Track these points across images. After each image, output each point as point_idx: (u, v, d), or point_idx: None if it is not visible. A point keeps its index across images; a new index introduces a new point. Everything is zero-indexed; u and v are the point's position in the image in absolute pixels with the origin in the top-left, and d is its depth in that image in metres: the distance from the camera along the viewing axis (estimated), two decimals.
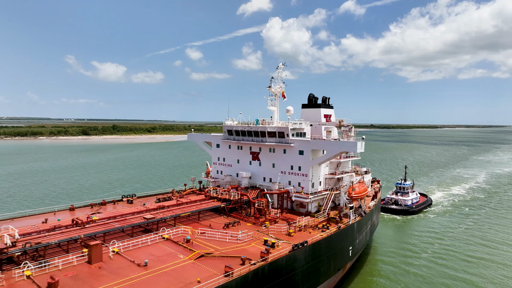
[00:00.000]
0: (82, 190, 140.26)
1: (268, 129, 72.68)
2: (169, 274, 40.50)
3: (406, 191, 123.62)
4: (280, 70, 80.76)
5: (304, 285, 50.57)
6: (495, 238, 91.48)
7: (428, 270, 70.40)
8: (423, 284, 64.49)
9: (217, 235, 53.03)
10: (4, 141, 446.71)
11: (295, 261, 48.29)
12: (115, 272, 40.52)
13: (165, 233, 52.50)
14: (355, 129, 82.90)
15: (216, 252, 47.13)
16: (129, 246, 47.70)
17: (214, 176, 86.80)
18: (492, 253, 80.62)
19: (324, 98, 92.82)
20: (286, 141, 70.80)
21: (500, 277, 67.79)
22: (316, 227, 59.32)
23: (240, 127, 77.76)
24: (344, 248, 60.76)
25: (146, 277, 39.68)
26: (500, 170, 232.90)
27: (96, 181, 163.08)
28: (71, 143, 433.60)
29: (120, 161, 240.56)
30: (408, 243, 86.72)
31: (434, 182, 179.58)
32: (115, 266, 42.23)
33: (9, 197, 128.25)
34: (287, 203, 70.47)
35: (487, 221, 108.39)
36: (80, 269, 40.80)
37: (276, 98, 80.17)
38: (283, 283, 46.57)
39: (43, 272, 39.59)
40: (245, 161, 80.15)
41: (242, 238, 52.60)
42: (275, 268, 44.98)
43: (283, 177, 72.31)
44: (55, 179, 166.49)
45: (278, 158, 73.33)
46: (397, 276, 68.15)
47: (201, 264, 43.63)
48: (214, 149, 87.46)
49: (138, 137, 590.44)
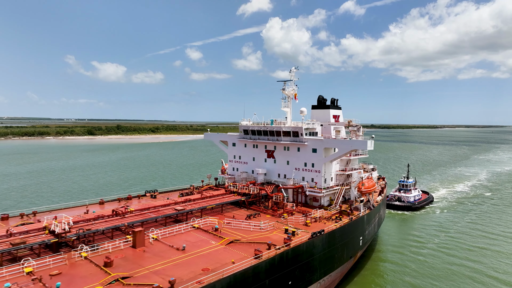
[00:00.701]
0: (102, 187, 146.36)
1: (283, 129, 77.79)
2: (205, 256, 45.65)
3: (409, 189, 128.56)
4: (292, 74, 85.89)
5: (321, 270, 55.68)
6: (495, 230, 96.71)
7: (433, 258, 76.31)
8: (429, 269, 70.21)
9: (242, 225, 58.18)
10: (12, 140, 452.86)
11: (313, 248, 53.40)
12: (158, 255, 45.71)
13: (195, 222, 57.72)
14: (363, 129, 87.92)
15: (243, 239, 52.26)
16: (165, 233, 52.90)
17: (230, 173, 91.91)
18: (492, 243, 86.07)
19: (333, 100, 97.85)
20: (300, 140, 75.90)
21: (500, 263, 73.01)
22: (330, 219, 64.43)
23: (256, 127, 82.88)
24: (356, 237, 65.87)
25: (186, 259, 44.82)
26: (501, 168, 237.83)
27: (113, 178, 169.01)
28: (77, 143, 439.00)
29: (131, 160, 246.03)
30: (412, 235, 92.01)
31: (436, 180, 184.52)
32: (157, 250, 47.43)
33: (35, 193, 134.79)
34: (301, 197, 75.60)
35: (488, 215, 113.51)
36: (127, 252, 45.99)
37: (289, 99, 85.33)
38: (304, 266, 51.68)
39: (96, 254, 44.80)
40: (260, 158, 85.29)
41: (265, 227, 57.74)
42: (297, 253, 50.09)
43: (297, 174, 77.43)
44: (74, 176, 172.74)
45: (292, 155, 78.44)
46: (404, 261, 73.94)
47: (232, 249, 48.76)
48: (230, 147, 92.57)
49: (142, 137, 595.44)
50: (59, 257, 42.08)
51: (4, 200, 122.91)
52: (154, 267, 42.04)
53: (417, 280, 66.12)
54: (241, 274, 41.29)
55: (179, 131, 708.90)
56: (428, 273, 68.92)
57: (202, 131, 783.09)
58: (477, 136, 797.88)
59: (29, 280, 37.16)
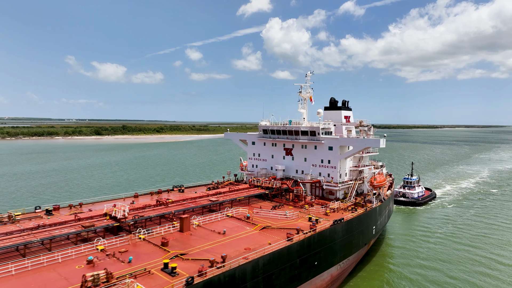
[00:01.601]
0: (127, 183, 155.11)
1: (301, 129, 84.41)
2: (244, 239, 52.37)
3: (413, 185, 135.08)
4: (308, 78, 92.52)
5: (341, 253, 62.32)
6: (497, 222, 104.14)
7: (441, 244, 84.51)
8: (438, 253, 78.30)
9: (269, 214, 64.93)
10: (23, 140, 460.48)
11: (335, 233, 60.06)
12: (203, 237, 52.45)
13: (228, 212, 64.48)
14: (374, 128, 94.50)
15: (273, 226, 58.94)
16: (205, 220, 59.62)
17: (250, 170, 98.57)
18: (494, 233, 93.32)
19: (344, 102, 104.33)
20: (317, 139, 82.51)
21: (500, 249, 79.73)
22: (346, 210, 71.07)
23: (276, 127, 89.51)
24: (369, 226, 72.51)
25: (228, 241, 51.53)
26: (502, 167, 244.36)
27: (137, 176, 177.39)
28: (85, 142, 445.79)
29: (145, 159, 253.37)
30: (419, 226, 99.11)
31: (440, 177, 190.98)
32: (201, 233, 54.17)
33: (67, 188, 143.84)
34: (318, 191, 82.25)
35: (490, 209, 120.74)
36: (176, 236, 52.73)
37: (305, 101, 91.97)
38: (327, 249, 58.33)
39: (151, 236, 51.60)
40: (279, 156, 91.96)
41: (290, 216, 64.45)
42: (321, 237, 56.74)
43: (314, 169, 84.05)
44: (98, 174, 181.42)
45: (309, 153, 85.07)
46: (414, 247, 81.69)
47: (265, 233, 55.47)
48: (249, 146, 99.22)
49: (147, 137, 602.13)
50: (123, 238, 48.93)
51: (40, 194, 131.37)
52: (203, 246, 48.79)
53: (428, 262, 73.54)
54: (278, 253, 47.99)
55: (183, 131, 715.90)
56: (437, 257, 76.72)
57: (205, 131, 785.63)
58: (477, 136, 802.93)
59: (104, 256, 43.96)
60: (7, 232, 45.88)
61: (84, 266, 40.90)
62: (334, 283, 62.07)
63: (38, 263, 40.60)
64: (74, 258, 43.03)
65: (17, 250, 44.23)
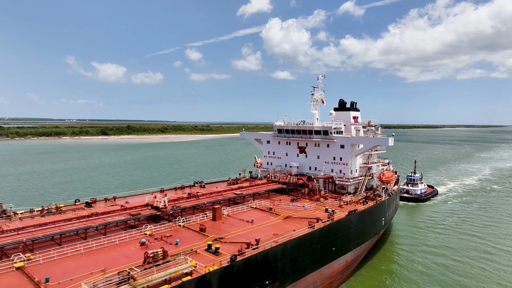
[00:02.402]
0: (149, 180, 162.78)
1: (315, 128, 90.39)
2: (270, 226, 58.43)
3: (416, 182, 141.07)
4: (319, 81, 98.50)
5: (355, 241, 68.31)
6: (497, 215, 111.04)
7: (447, 234, 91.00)
8: (445, 242, 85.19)
9: (289, 206, 71.00)
10: (32, 140, 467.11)
11: (350, 223, 66.06)
12: (234, 225, 58.52)
13: (252, 204, 70.57)
14: (381, 128, 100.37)
15: (294, 215, 65.01)
16: (233, 211, 65.74)
17: (265, 167, 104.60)
18: (495, 224, 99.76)
19: (352, 103, 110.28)
20: (329, 138, 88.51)
21: (501, 236, 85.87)
22: (358, 202, 77.07)
23: (290, 127, 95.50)
24: (379, 218, 78.49)
25: (256, 228, 57.58)
26: (502, 165, 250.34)
27: (155, 174, 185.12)
28: (92, 142, 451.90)
29: (158, 158, 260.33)
30: (425, 218, 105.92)
31: (442, 175, 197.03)
32: (231, 222, 60.25)
33: (96, 185, 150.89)
34: (331, 186, 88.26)
35: (491, 204, 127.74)
36: (210, 223, 58.82)
37: (317, 103, 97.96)
38: (343, 237, 64.33)
39: (188, 223, 57.72)
40: (293, 154, 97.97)
41: (308, 207, 70.50)
42: (338, 226, 62.76)
43: (327, 166, 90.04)
44: (118, 172, 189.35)
45: (322, 151, 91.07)
46: (420, 236, 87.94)
47: (289, 222, 61.52)
48: (264, 144, 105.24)
49: (151, 136, 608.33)
50: (166, 225, 55.09)
51: (73, 190, 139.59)
52: (235, 232, 54.88)
53: (435, 249, 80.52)
54: (302, 238, 54.03)
55: (186, 131, 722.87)
56: (444, 244, 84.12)
57: (208, 131, 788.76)
58: (478, 136, 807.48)
59: (153, 239, 50.09)
60: (65, 219, 52.01)
61: (138, 247, 47.05)
62: (348, 268, 68.12)
63: (99, 244, 46.77)
64: (128, 240, 49.18)
65: (77, 234, 50.43)
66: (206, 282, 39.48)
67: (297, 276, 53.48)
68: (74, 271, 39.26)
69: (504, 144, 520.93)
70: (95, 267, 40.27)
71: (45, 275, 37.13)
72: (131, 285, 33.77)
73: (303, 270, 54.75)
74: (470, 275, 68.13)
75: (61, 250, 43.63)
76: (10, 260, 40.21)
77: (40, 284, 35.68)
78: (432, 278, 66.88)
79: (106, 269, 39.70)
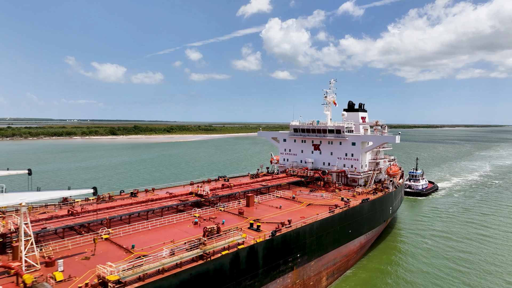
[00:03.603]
0: (174, 175, 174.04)
1: (328, 128, 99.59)
2: (297, 212, 67.67)
3: (417, 178, 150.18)
4: (331, 85, 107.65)
5: (367, 226, 77.54)
6: (496, 204, 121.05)
7: (450, 222, 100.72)
8: (449, 227, 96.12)
9: (309, 196, 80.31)
10: (44, 140, 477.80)
11: (363, 210, 75.27)
12: (265, 210, 67.80)
13: (276, 193, 79.95)
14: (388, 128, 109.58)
15: (315, 203, 74.28)
16: (261, 200, 75.10)
17: (281, 163, 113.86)
18: (493, 212, 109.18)
19: (360, 104, 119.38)
20: (342, 136, 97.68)
21: (499, 223, 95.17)
22: (369, 193, 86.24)
23: (306, 126, 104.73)
24: (387, 206, 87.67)
25: (284, 212, 66.82)
26: (502, 162, 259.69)
27: (177, 170, 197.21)
28: (102, 142, 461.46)
29: (174, 157, 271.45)
30: (426, 210, 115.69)
31: (444, 171, 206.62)
32: (263, 208, 69.55)
33: (126, 180, 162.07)
34: (343, 179, 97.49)
35: (490, 196, 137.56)
36: (245, 209, 68.10)
37: (329, 104, 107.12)
38: (358, 221, 73.52)
39: (227, 209, 67.10)
40: (308, 151, 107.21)
41: (325, 197, 79.77)
42: (354, 211, 71.97)
43: (339, 162, 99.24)
44: (142, 169, 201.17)
45: (335, 148, 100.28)
46: (424, 223, 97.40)
47: (311, 208, 70.77)
48: (281, 142, 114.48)
49: (157, 136, 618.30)
50: (210, 209, 64.52)
51: (109, 183, 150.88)
52: (268, 216, 64.13)
53: (440, 233, 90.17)
54: (325, 220, 63.27)
55: (191, 131, 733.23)
56: (449, 229, 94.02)
57: (212, 131, 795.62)
58: (477, 135, 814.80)
59: (202, 220, 59.49)
60: (126, 204, 61.42)
61: (192, 226, 56.44)
62: (362, 249, 77.38)
63: (161, 223, 56.21)
64: (183, 221, 58.59)
65: (139, 216, 59.87)
66: (254, 251, 48.85)
67: (321, 252, 62.77)
68: (149, 241, 48.67)
69: (503, 143, 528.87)
70: (165, 239, 49.65)
71: (128, 245, 46.57)
72: (201, 249, 43.13)
73: (326, 247, 64.04)
74: (471, 251, 78.26)
75: (132, 227, 53.09)
76: (98, 233, 49.72)
77: (129, 249, 45.15)
78: (437, 255, 76.43)
79: (174, 240, 49.10)
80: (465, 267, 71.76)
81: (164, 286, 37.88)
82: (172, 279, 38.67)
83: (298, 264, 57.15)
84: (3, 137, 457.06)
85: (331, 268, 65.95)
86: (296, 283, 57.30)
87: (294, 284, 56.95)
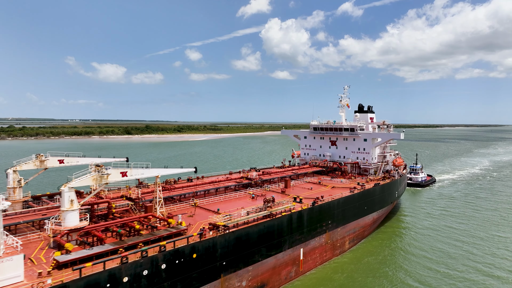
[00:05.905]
0: (209, 169, 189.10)
1: (344, 127, 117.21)
2: (325, 192, 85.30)
3: (417, 172, 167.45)
4: (345, 90, 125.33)
5: (379, 205, 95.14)
6: (492, 191, 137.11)
7: (451, 203, 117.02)
8: (450, 209, 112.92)
9: (331, 181, 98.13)
10: (64, 139, 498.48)
11: (375, 191, 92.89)
12: (300, 190, 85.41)
13: (306, 179, 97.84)
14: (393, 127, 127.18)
15: (337, 186, 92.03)
16: (294, 184, 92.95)
17: (302, 157, 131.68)
18: (491, 198, 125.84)
19: (369, 107, 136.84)
20: (355, 134, 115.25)
21: (496, 204, 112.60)
22: (379, 180, 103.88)
23: (324, 125, 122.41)
24: (394, 191, 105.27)
25: (314, 192, 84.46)
26: (499, 158, 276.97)
27: (210, 165, 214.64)
28: (118, 141, 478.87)
29: (197, 154, 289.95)
30: (425, 198, 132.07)
31: (446, 165, 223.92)
32: (297, 189, 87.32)
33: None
34: (357, 169, 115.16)
35: (487, 186, 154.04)
36: (285, 189, 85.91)
37: (343, 107, 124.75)
38: (371, 201, 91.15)
39: (271, 189, 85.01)
40: (325, 146, 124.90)
41: (345, 182, 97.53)
42: (368, 192, 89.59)
43: (353, 155, 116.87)
44: (175, 163, 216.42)
45: (349, 144, 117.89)
46: (431, 207, 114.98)
47: (335, 189, 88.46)
48: (302, 139, 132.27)
49: (168, 136, 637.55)
50: (259, 189, 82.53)
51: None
52: (304, 194, 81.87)
53: (438, 215, 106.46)
54: (347, 197, 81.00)
55: (200, 131, 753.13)
56: (449, 211, 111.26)
57: (219, 131, 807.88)
58: (477, 135, 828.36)
59: (257, 196, 77.41)
60: (191, 185, 79.42)
61: (250, 200, 74.39)
62: (374, 223, 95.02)
63: (229, 198, 74.26)
64: (243, 196, 76.60)
65: (208, 192, 77.90)
66: (302, 215, 66.76)
67: (345, 221, 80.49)
68: (226, 208, 66.64)
69: (501, 142, 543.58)
70: (236, 206, 67.60)
71: (214, 209, 64.58)
72: (268, 211, 61.04)
73: (348, 218, 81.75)
74: (459, 227, 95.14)
75: (208, 199, 71.16)
76: (190, 202, 67.88)
77: (216, 211, 63.21)
78: (433, 230, 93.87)
79: (243, 207, 67.06)
80: (452, 238, 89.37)
81: (249, 231, 55.89)
82: (254, 228, 56.70)
83: (329, 228, 74.98)
84: (28, 136, 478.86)
85: (352, 235, 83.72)
86: (328, 242, 75.11)
87: (327, 243, 74.77)
